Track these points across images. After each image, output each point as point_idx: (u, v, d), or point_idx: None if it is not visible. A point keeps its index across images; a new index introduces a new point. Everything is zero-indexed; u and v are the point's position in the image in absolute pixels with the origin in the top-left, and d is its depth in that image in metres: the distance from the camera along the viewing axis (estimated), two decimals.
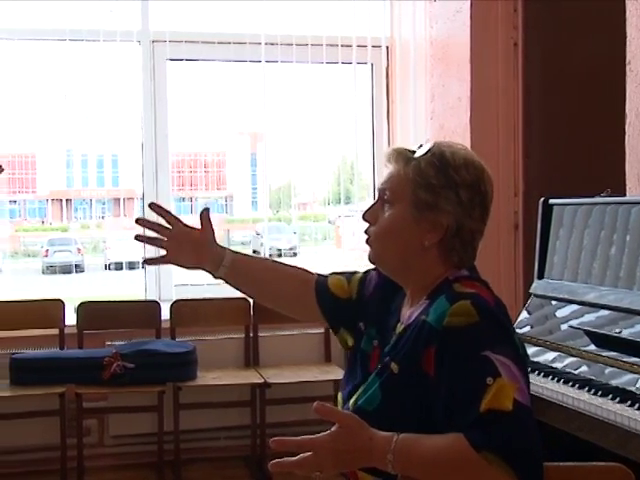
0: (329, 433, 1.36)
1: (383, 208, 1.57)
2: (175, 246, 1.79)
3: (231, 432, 4.40)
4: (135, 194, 5.84)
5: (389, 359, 1.50)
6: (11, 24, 4.53)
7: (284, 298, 1.83)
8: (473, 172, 1.52)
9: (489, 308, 1.45)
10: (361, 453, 1.35)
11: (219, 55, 4.77)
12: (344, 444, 1.35)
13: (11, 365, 4.09)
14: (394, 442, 1.34)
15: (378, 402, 1.48)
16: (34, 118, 4.99)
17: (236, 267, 1.78)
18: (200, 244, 1.79)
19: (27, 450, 4.24)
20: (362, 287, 1.73)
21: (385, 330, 1.60)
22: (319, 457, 1.35)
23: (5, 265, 5.03)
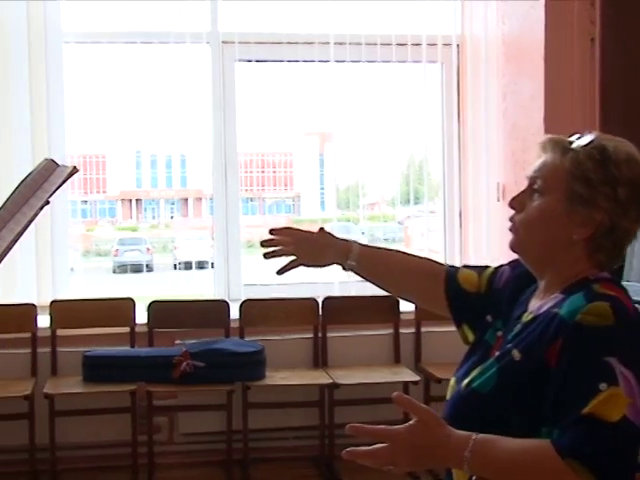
0: (406, 426, 1.34)
1: (532, 197, 1.52)
2: (301, 249, 1.81)
3: (299, 432, 4.40)
4: (203, 194, 5.89)
5: (511, 346, 1.47)
6: (82, 28, 4.61)
7: (412, 290, 1.85)
8: (635, 169, 1.46)
9: (628, 315, 1.39)
10: (437, 450, 1.32)
11: (288, 55, 4.77)
12: (420, 438, 1.32)
13: (84, 362, 4.16)
14: (472, 440, 1.31)
15: (492, 386, 1.45)
16: (105, 120, 5.05)
17: (363, 259, 1.80)
18: (323, 242, 1.83)
19: (99, 446, 4.31)
20: (492, 281, 1.71)
21: (510, 321, 1.57)
22: (394, 449, 1.32)
23: (77, 264, 5.10)
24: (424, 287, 1.80)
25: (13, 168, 4.43)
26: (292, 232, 1.85)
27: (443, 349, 4.39)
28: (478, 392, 1.46)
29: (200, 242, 5.51)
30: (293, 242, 1.81)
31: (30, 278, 4.47)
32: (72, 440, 4.23)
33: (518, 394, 1.41)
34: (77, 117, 4.73)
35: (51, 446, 4.06)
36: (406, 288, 1.85)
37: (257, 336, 4.37)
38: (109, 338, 4.38)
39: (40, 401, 4.02)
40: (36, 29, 4.42)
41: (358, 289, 4.67)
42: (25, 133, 4.45)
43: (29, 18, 4.41)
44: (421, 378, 4.24)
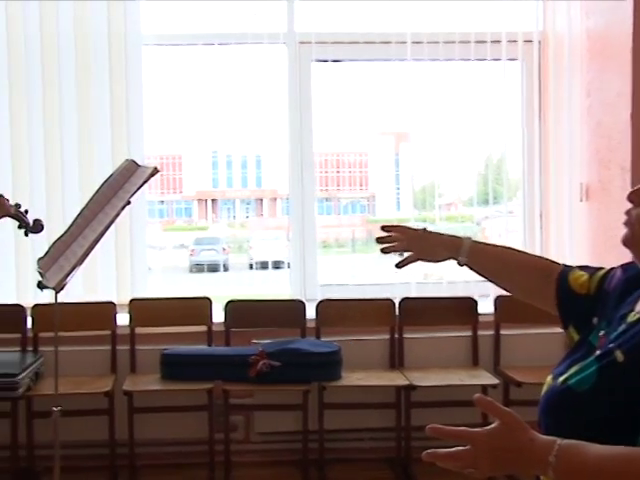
0: (488, 429, 1.30)
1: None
2: (415, 245, 1.91)
3: (375, 434, 4.37)
4: (278, 194, 5.90)
5: (614, 346, 1.42)
6: (161, 30, 4.66)
7: (524, 288, 1.86)
8: None
9: None
10: (520, 454, 1.28)
11: (364, 55, 4.75)
12: (503, 442, 1.28)
13: (162, 360, 4.22)
14: (557, 445, 1.26)
15: (590, 385, 1.40)
16: (182, 120, 5.11)
17: (475, 255, 1.83)
18: (432, 240, 1.90)
19: (177, 443, 4.36)
20: (603, 283, 1.66)
21: (614, 321, 1.52)
22: (475, 452, 1.28)
23: (156, 263, 5.17)
24: (536, 285, 1.79)
25: (94, 169, 4.52)
26: (403, 230, 1.93)
27: (523, 352, 4.32)
28: (574, 390, 1.41)
29: (275, 242, 5.52)
30: (406, 239, 1.90)
31: (110, 277, 4.55)
32: (150, 436, 4.29)
33: (616, 397, 1.35)
34: (155, 118, 4.78)
35: (130, 442, 4.12)
36: (518, 285, 1.86)
37: (333, 336, 4.36)
38: (186, 336, 4.43)
39: (120, 397, 4.08)
40: (116, 32, 4.50)
41: (435, 290, 4.62)
42: (105, 134, 4.53)
43: (109, 21, 4.49)
44: (500, 381, 4.16)
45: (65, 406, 2.88)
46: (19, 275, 4.49)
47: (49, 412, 3.35)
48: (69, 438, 2.89)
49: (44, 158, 4.49)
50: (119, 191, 2.87)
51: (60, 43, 4.46)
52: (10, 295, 4.48)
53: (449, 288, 4.65)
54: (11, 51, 4.45)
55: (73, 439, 3.74)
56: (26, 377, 4.00)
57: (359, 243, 5.60)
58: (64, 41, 4.46)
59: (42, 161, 4.49)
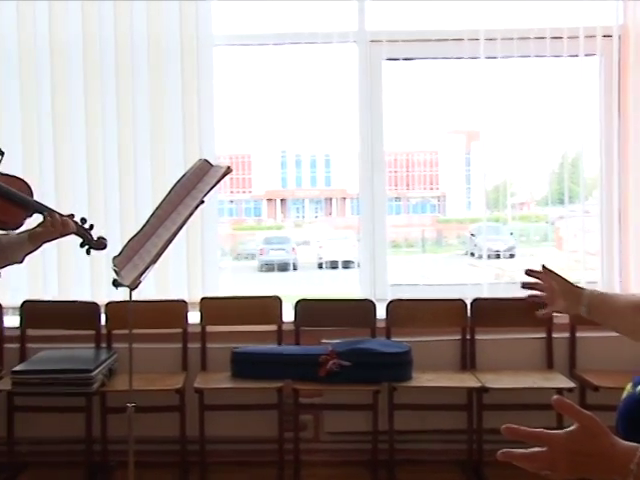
0: (566, 431, 1.26)
1: None
2: (551, 294, 2.02)
3: (446, 435, 4.32)
4: (346, 194, 5.89)
5: None
6: (232, 31, 4.69)
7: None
8: None
9: None
10: (601, 459, 1.24)
11: (436, 53, 4.70)
12: (582, 446, 1.24)
13: (232, 358, 4.24)
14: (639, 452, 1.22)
15: None
16: (251, 120, 5.13)
17: (595, 305, 1.92)
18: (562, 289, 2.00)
19: (247, 441, 4.39)
20: None
21: None
22: (553, 454, 1.25)
23: (225, 263, 5.20)
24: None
25: (166, 169, 4.57)
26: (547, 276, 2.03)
27: (600, 355, 4.22)
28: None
29: (344, 241, 5.51)
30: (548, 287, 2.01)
31: (181, 275, 4.60)
32: (221, 434, 4.32)
33: None
34: (225, 118, 4.82)
35: (201, 439, 4.15)
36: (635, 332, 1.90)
37: (404, 337, 4.32)
38: (256, 335, 4.45)
39: (190, 395, 4.12)
40: (188, 33, 4.54)
41: (508, 290, 4.55)
42: (177, 134, 4.58)
43: (182, 22, 4.53)
44: (576, 385, 4.07)
45: (137, 402, 2.92)
46: (94, 273, 4.57)
47: (122, 408, 3.40)
48: (141, 434, 2.93)
49: (117, 158, 4.57)
50: (192, 191, 2.89)
51: (133, 43, 4.53)
52: (85, 292, 4.56)
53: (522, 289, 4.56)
54: (86, 51, 4.53)
55: (145, 435, 3.78)
56: (100, 373, 4.07)
57: (429, 243, 5.55)
58: (137, 41, 4.53)
59: (115, 161, 4.56)
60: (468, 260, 5.21)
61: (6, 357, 4.37)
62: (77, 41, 4.52)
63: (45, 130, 4.55)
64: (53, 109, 4.55)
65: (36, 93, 4.55)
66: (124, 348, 4.21)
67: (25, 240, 2.61)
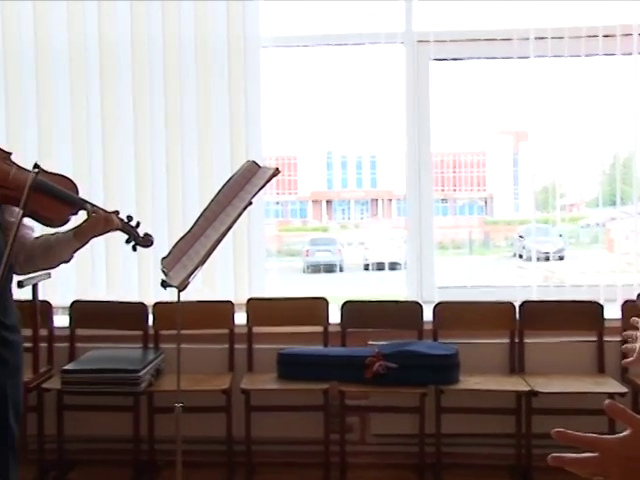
0: (619, 436, 1.22)
1: None
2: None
3: (494, 440, 4.27)
4: (392, 195, 5.85)
5: None
6: (277, 32, 4.69)
7: None
8: None
9: None
10: None
11: (484, 52, 4.64)
12: (636, 451, 1.20)
13: (279, 360, 4.24)
14: None
15: None
16: (297, 122, 5.13)
17: None
18: None
19: (293, 442, 4.38)
20: None
21: None
22: (605, 460, 1.21)
23: (271, 264, 5.21)
24: None
25: (213, 170, 4.59)
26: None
27: None
28: None
29: (391, 243, 5.48)
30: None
31: (228, 276, 4.62)
32: (267, 435, 4.32)
33: None
34: (272, 119, 4.82)
35: (247, 439, 4.16)
36: None
37: (451, 339, 4.28)
38: (302, 337, 4.44)
39: (237, 395, 4.13)
40: (235, 34, 4.56)
41: (557, 293, 4.48)
42: (224, 135, 4.60)
43: (229, 24, 4.55)
44: (628, 390, 3.98)
45: (184, 402, 2.92)
46: (141, 274, 4.61)
47: (169, 408, 3.41)
48: (188, 434, 2.94)
49: (165, 158, 4.60)
50: (240, 192, 2.89)
51: (181, 44, 4.56)
52: (133, 293, 4.60)
53: (572, 291, 4.50)
54: (134, 51, 4.57)
55: (192, 435, 3.80)
56: (147, 373, 4.10)
57: (476, 245, 5.49)
58: (185, 42, 4.56)
59: (163, 161, 4.60)
60: (516, 262, 5.15)
61: (56, 356, 4.43)
62: (125, 41, 4.57)
63: (94, 130, 4.60)
64: (102, 109, 4.60)
65: (85, 93, 4.60)
66: (171, 348, 4.25)
67: (71, 237, 2.63)
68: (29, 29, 4.59)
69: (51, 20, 4.58)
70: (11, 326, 2.58)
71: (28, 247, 2.64)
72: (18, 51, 4.59)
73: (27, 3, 4.58)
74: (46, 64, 4.59)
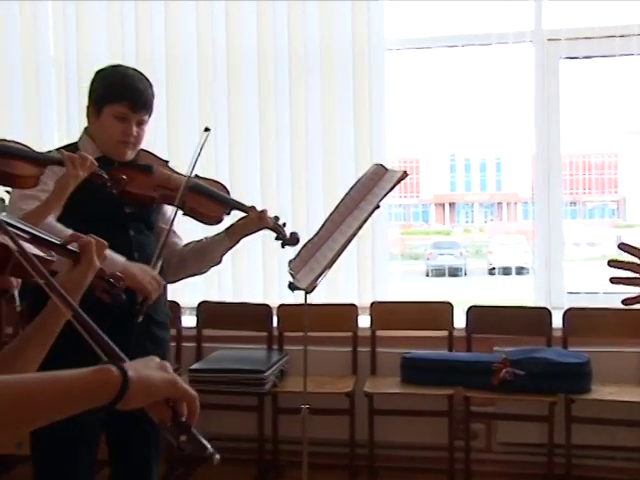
0: None
1: None
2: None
3: (628, 453, 4.09)
4: (518, 198, 5.72)
5: None
6: (402, 34, 4.66)
7: None
8: None
9: None
10: None
11: (618, 49, 4.46)
12: None
13: (402, 363, 4.21)
14: None
15: None
16: (420, 124, 5.09)
17: None
18: None
19: (416, 447, 4.34)
20: None
21: None
22: None
23: (393, 267, 5.18)
24: None
25: (337, 173, 4.61)
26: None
27: None
28: None
29: (516, 247, 5.35)
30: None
31: (352, 279, 4.61)
32: (390, 439, 4.30)
33: None
34: (395, 122, 4.80)
35: (370, 443, 4.15)
36: None
37: (582, 347, 4.14)
38: (426, 341, 4.40)
39: (360, 399, 4.13)
40: (360, 37, 4.55)
41: None
42: (348, 138, 4.60)
43: (354, 26, 4.55)
44: None
45: (308, 404, 2.92)
46: (266, 276, 4.67)
47: (293, 409, 3.44)
48: (311, 435, 2.94)
49: (289, 161, 4.65)
50: (367, 195, 2.88)
51: (306, 46, 4.60)
52: (258, 295, 4.67)
53: None
54: (260, 54, 4.64)
55: (315, 436, 3.81)
56: (272, 374, 4.15)
57: (608, 249, 5.30)
58: (310, 45, 4.59)
59: (287, 165, 4.65)
60: None
61: (184, 355, 4.54)
62: (251, 44, 4.64)
63: (221, 134, 4.68)
64: (228, 112, 4.68)
65: (211, 96, 4.69)
66: (295, 350, 4.29)
67: (223, 237, 2.74)
68: (159, 37, 4.73)
69: (181, 29, 4.70)
70: (161, 323, 2.69)
71: (179, 252, 2.77)
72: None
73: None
74: (175, 69, 4.72)
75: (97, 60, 4.73)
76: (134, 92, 2.55)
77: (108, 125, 2.54)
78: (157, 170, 2.64)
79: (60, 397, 1.01)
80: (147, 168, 2.61)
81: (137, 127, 2.56)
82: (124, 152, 2.57)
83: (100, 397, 1.02)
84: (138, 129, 2.57)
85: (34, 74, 4.88)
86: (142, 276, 2.41)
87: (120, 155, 2.57)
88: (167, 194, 2.61)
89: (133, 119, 2.54)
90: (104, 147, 2.55)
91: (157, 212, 2.73)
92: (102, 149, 2.56)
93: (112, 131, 2.53)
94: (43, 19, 4.87)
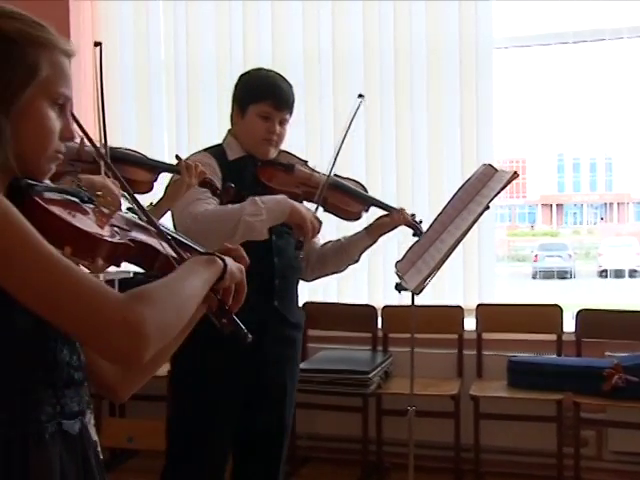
0: None
1: None
2: None
3: None
4: (630, 198, 5.55)
5: None
6: (511, 32, 4.59)
7: None
8: None
9: None
10: None
11: None
12: None
13: (509, 367, 4.14)
14: None
15: None
16: (527, 123, 4.99)
17: None
18: None
19: (522, 453, 4.26)
20: None
21: None
22: None
23: (499, 269, 5.10)
24: None
25: (443, 173, 4.57)
26: None
27: None
28: None
29: (627, 249, 5.20)
30: None
31: (457, 281, 4.56)
32: (495, 443, 4.23)
33: None
34: (502, 121, 4.71)
35: (475, 447, 4.09)
36: None
37: None
38: (533, 344, 4.33)
39: (466, 402, 4.08)
40: (467, 35, 4.50)
41: None
42: (455, 138, 4.55)
43: (461, 25, 4.50)
44: None
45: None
46: (371, 277, 4.66)
47: (398, 410, 3.43)
48: (416, 437, 2.92)
49: (395, 162, 4.63)
50: (476, 196, 2.85)
51: (412, 45, 4.57)
52: (362, 296, 4.67)
53: None
54: (366, 53, 4.64)
55: (419, 439, 3.78)
56: (376, 375, 4.15)
57: None
58: (416, 44, 4.56)
59: (393, 164, 4.63)
60: None
61: None
62: (357, 43, 4.65)
63: (325, 125, 4.69)
64: (334, 111, 4.70)
65: (319, 95, 4.72)
66: (399, 352, 4.27)
67: (363, 235, 2.83)
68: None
69: (288, 29, 4.75)
70: (296, 324, 2.77)
71: (318, 250, 2.86)
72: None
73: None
74: (281, 70, 4.76)
75: (205, 62, 4.85)
76: (278, 91, 2.66)
77: (252, 124, 2.64)
78: (298, 168, 2.75)
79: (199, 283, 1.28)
80: (289, 166, 2.72)
81: (280, 126, 2.66)
82: (267, 150, 2.67)
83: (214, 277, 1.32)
84: (281, 128, 2.67)
85: (145, 77, 5.02)
86: (306, 214, 2.53)
87: (263, 153, 2.67)
88: (309, 191, 2.70)
89: (276, 118, 2.64)
90: (248, 146, 2.66)
91: None
92: (246, 148, 2.67)
93: (256, 130, 2.64)
94: (154, 23, 5.00)
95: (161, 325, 1.18)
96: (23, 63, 1.23)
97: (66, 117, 1.30)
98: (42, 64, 1.24)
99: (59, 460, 1.24)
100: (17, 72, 1.23)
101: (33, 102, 1.24)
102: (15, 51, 1.23)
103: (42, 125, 1.25)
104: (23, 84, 1.22)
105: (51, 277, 1.12)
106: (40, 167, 1.28)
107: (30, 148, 1.25)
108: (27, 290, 1.13)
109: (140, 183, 2.36)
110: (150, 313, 1.15)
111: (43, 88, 1.24)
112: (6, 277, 1.13)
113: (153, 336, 1.16)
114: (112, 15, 5.05)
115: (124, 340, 1.14)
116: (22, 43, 1.24)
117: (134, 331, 1.13)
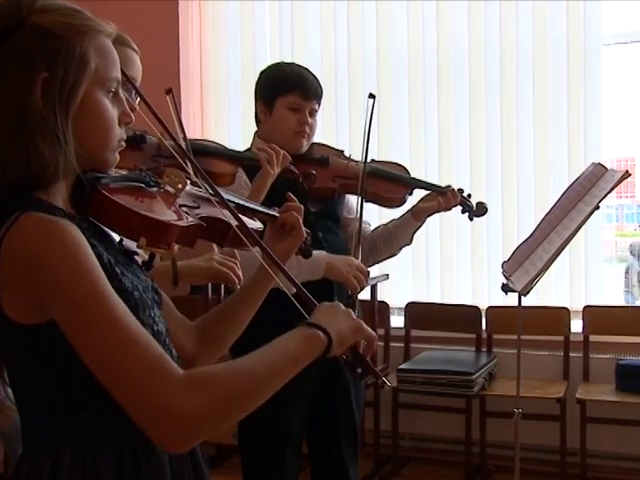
0: None
1: None
2: None
3: None
4: None
5: None
6: (620, 28, 4.48)
7: None
8: None
9: None
10: None
11: None
12: None
13: (617, 370, 4.05)
14: None
15: None
16: (635, 120, 4.86)
17: None
18: None
19: (630, 458, 4.16)
20: None
21: None
22: None
23: (606, 270, 4.98)
24: None
25: (549, 172, 4.50)
26: None
27: None
28: None
29: None
30: None
31: (564, 282, 4.48)
32: (603, 448, 4.15)
33: None
34: (611, 120, 4.61)
35: (581, 451, 4.02)
36: None
37: None
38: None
39: (572, 405, 4.02)
40: (575, 33, 4.42)
41: None
42: (562, 136, 4.48)
43: (568, 22, 4.43)
44: None
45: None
46: (475, 278, 4.63)
47: (502, 412, 3.41)
48: (520, 440, 2.89)
49: (500, 159, 4.59)
50: (586, 196, 2.80)
51: (518, 45, 4.52)
52: (465, 296, 4.65)
53: None
54: (471, 51, 4.63)
55: (524, 442, 3.74)
56: (481, 377, 4.11)
57: None
58: (522, 43, 4.51)
59: (498, 163, 4.59)
60: None
61: (392, 355, 4.59)
62: (462, 42, 4.63)
63: (430, 131, 4.71)
64: (438, 108, 4.69)
65: (423, 93, 4.72)
66: (503, 353, 4.24)
67: (409, 217, 2.75)
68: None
69: (392, 29, 4.77)
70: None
71: (369, 239, 2.80)
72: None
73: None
74: (386, 69, 4.79)
75: (310, 62, 4.90)
76: (304, 81, 2.59)
77: (282, 118, 2.57)
78: (333, 161, 2.67)
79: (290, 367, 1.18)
80: (323, 160, 2.64)
81: (310, 117, 2.59)
82: (300, 143, 2.59)
83: (313, 357, 1.20)
84: (311, 119, 2.59)
85: (252, 78, 5.10)
86: (347, 269, 2.45)
87: (297, 147, 2.58)
88: (347, 183, 2.63)
89: (306, 108, 2.57)
90: (279, 142, 2.46)
91: (341, 203, 2.76)
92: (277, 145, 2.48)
93: (287, 123, 2.56)
94: (260, 23, 5.10)
95: (219, 415, 1.10)
96: (73, 58, 1.16)
97: (121, 101, 1.24)
98: (90, 54, 1.18)
99: (168, 462, 1.24)
100: (69, 70, 1.16)
101: (89, 96, 1.18)
102: (63, 48, 1.16)
103: (102, 117, 1.20)
104: (77, 81, 1.16)
105: (116, 343, 1.07)
106: (106, 159, 1.24)
107: (94, 143, 1.21)
108: (89, 353, 1.09)
109: (221, 175, 2.28)
110: (206, 404, 1.08)
111: (95, 79, 1.19)
112: (70, 330, 1.09)
113: (205, 427, 1.09)
114: (218, 15, 5.17)
115: (168, 432, 1.08)
116: (67, 37, 1.16)
117: (181, 425, 1.07)
